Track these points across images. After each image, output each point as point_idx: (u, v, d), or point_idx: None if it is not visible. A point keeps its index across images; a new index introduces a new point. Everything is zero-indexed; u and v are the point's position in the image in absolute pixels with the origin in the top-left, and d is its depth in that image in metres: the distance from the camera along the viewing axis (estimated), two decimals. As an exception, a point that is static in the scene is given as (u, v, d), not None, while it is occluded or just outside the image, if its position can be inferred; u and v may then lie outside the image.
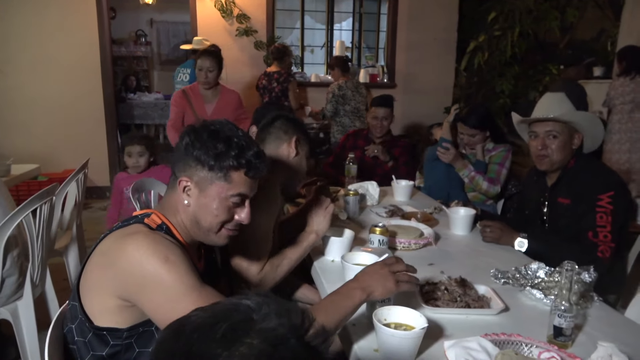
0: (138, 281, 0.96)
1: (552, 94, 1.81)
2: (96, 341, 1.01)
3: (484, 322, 1.23)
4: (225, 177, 1.07)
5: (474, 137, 2.58)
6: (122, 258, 0.98)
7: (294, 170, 1.68)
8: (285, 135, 1.67)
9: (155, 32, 8.77)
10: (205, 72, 3.16)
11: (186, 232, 1.12)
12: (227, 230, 1.13)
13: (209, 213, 1.08)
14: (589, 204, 1.63)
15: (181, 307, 0.92)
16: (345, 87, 4.41)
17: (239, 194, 1.09)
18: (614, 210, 1.61)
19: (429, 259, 1.67)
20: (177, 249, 1.01)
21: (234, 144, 1.07)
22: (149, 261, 0.95)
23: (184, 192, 1.09)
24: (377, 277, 1.09)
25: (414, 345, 1.04)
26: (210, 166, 1.06)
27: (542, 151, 1.74)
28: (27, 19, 4.63)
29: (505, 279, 1.47)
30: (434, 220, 2.08)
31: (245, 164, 1.07)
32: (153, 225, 1.06)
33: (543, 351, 1.00)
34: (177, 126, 3.24)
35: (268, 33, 5.17)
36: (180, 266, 0.97)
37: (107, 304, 0.99)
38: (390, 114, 2.96)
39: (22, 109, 4.73)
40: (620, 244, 1.71)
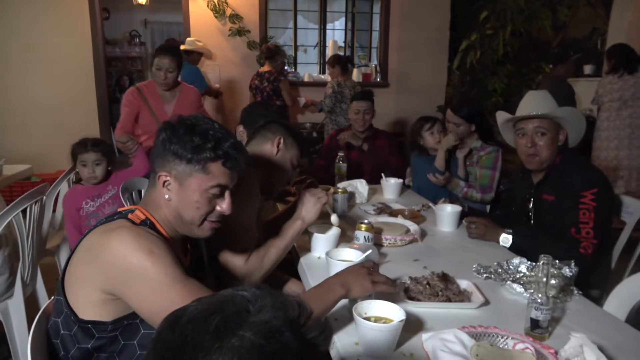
0: (123, 274, 0.98)
1: (535, 92, 1.83)
2: (81, 334, 1.02)
3: (464, 315, 1.26)
4: (204, 169, 1.09)
5: (458, 127, 2.60)
6: (106, 252, 0.99)
7: (275, 168, 1.71)
8: (271, 135, 1.73)
9: (149, 33, 8.78)
10: (164, 73, 2.81)
11: (170, 227, 1.14)
12: (210, 222, 1.15)
13: (191, 206, 1.10)
14: (572, 201, 1.66)
15: (165, 298, 0.95)
16: (344, 85, 4.46)
17: (218, 184, 1.11)
18: (597, 207, 1.63)
19: (414, 254, 1.69)
20: (161, 242, 1.03)
21: (211, 137, 1.08)
22: (134, 254, 0.98)
23: (164, 187, 1.11)
24: (356, 276, 1.15)
25: (392, 338, 1.06)
26: (188, 159, 1.08)
27: (532, 149, 1.76)
28: (20, 20, 4.63)
29: (487, 274, 1.50)
30: (421, 217, 2.10)
31: (223, 154, 1.09)
32: (137, 221, 1.08)
33: (518, 342, 1.03)
34: (126, 129, 2.84)
35: (261, 33, 5.19)
36: (164, 259, 0.99)
37: (91, 298, 1.01)
38: (371, 107, 2.98)
39: (15, 110, 4.74)
40: (605, 240, 1.74)
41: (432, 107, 5.62)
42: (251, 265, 1.47)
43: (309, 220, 1.58)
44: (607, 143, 4.10)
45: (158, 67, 2.82)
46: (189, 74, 4.52)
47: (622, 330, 1.23)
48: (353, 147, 3.01)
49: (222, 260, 1.46)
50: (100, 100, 5.00)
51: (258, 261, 1.48)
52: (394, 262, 1.62)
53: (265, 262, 1.50)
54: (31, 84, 4.73)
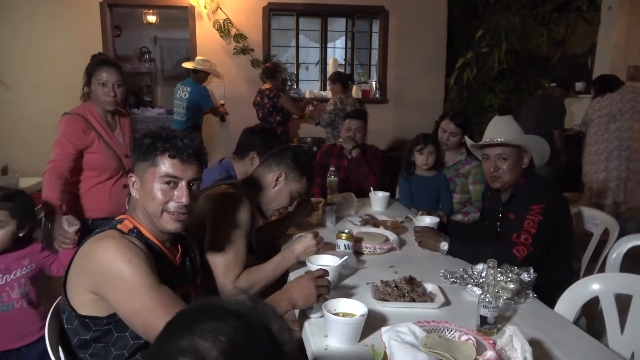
0: (105, 279, 1.15)
1: (500, 118, 2.00)
2: (81, 327, 1.21)
3: (426, 314, 1.42)
4: (154, 163, 1.24)
5: (454, 137, 2.78)
6: (93, 259, 1.17)
7: (271, 199, 1.87)
8: (275, 167, 1.88)
9: (159, 49, 9.06)
10: (112, 87, 2.27)
11: (152, 227, 1.29)
12: (170, 214, 1.25)
13: (149, 198, 1.24)
14: (522, 213, 1.81)
15: (139, 302, 1.13)
16: (346, 101, 4.64)
17: (167, 174, 1.23)
18: (542, 221, 1.76)
19: (391, 262, 1.86)
20: (141, 253, 1.17)
21: (161, 137, 1.24)
22: (115, 262, 1.14)
23: (133, 187, 1.29)
24: (302, 290, 1.35)
25: (356, 330, 1.23)
26: (143, 158, 1.25)
27: (495, 173, 1.92)
28: (34, 38, 4.90)
29: (453, 279, 1.66)
30: (403, 227, 2.27)
31: (169, 148, 1.23)
32: (125, 230, 1.25)
33: (462, 334, 1.19)
34: (61, 171, 2.18)
35: (264, 51, 5.41)
36: (141, 268, 1.14)
37: (84, 298, 1.19)
38: (363, 126, 3.13)
39: (29, 125, 4.98)
40: (562, 249, 1.89)
41: (430, 122, 5.78)
42: (240, 286, 1.57)
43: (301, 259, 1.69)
44: (596, 157, 4.25)
45: (102, 82, 2.26)
46: (198, 93, 4.75)
47: (563, 327, 1.39)
48: (344, 156, 3.17)
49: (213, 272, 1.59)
50: (110, 115, 5.24)
51: (247, 284, 1.60)
52: (370, 268, 1.79)
53: (254, 288, 1.62)
54: (45, 99, 4.98)
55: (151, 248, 1.27)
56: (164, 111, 7.94)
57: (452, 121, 2.79)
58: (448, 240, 1.92)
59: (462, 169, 2.86)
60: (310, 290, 1.34)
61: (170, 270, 1.30)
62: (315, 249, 1.68)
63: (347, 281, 1.66)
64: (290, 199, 1.90)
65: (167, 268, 1.29)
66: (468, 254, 1.85)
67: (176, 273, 1.34)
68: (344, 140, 3.11)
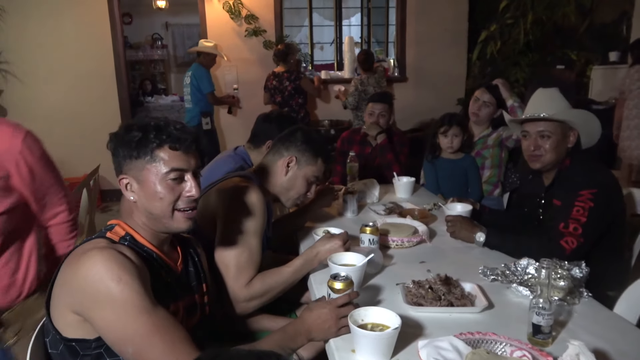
0: (90, 299, 0.98)
1: (544, 90, 1.77)
2: (67, 352, 1.04)
3: (466, 320, 1.24)
4: (153, 158, 1.08)
5: (487, 108, 2.61)
6: (76, 275, 1.00)
7: (286, 188, 1.69)
8: (284, 152, 1.69)
9: (171, 35, 8.91)
10: None
11: (150, 232, 1.13)
12: (181, 212, 1.12)
13: (155, 199, 1.09)
14: (570, 200, 1.61)
15: (130, 328, 0.96)
16: (366, 82, 4.46)
17: (173, 169, 1.09)
18: (593, 208, 1.56)
19: (420, 256, 1.68)
20: (133, 268, 1.00)
21: (151, 127, 1.09)
22: (102, 281, 0.97)
23: (127, 190, 1.12)
24: (322, 323, 1.15)
25: (388, 345, 1.06)
26: (137, 155, 1.08)
27: (535, 152, 1.72)
28: (43, 31, 4.79)
29: (494, 276, 1.47)
30: (432, 217, 2.08)
31: (167, 138, 1.08)
32: (116, 238, 1.09)
33: (515, 350, 1.01)
34: None
35: (276, 32, 5.21)
36: (132, 287, 0.97)
37: (68, 319, 1.02)
38: (387, 110, 2.93)
39: (41, 117, 4.88)
40: (618, 241, 1.68)
41: (452, 100, 5.54)
42: (253, 291, 1.43)
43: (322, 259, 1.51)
44: (637, 131, 3.96)
45: None
46: (197, 75, 4.58)
47: (628, 333, 1.19)
48: (368, 142, 2.98)
49: (223, 276, 1.43)
50: (123, 104, 5.13)
51: (262, 290, 1.44)
52: (399, 265, 1.62)
53: (269, 293, 1.46)
54: (56, 92, 4.90)
55: (147, 257, 1.11)
56: (178, 98, 7.84)
57: (487, 90, 2.59)
58: (484, 230, 1.73)
59: (489, 140, 2.67)
60: (331, 323, 1.14)
61: (172, 279, 1.15)
62: (338, 251, 1.50)
63: (374, 282, 1.49)
64: (307, 184, 1.70)
65: (168, 277, 1.14)
66: (508, 246, 1.65)
67: (178, 282, 1.18)
68: (368, 127, 2.91)
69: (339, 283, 1.22)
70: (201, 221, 1.56)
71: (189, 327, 1.17)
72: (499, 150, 2.68)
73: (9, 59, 4.79)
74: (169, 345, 0.96)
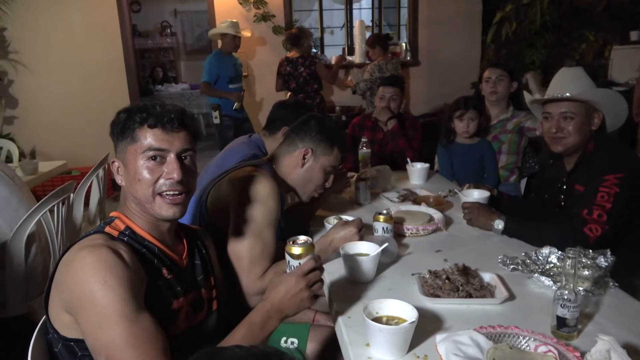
0: (75, 300, 0.94)
1: (567, 69, 1.69)
2: (65, 351, 1.01)
3: (486, 312, 1.19)
4: (133, 138, 1.04)
5: (501, 82, 2.55)
6: (67, 275, 0.96)
7: (301, 180, 1.63)
8: (299, 143, 1.62)
9: (180, 23, 8.84)
10: None
11: (148, 221, 1.09)
12: (163, 197, 1.05)
13: (135, 180, 1.05)
14: (594, 185, 1.53)
15: (107, 335, 0.90)
16: (385, 68, 4.33)
17: (150, 147, 1.03)
18: (619, 193, 1.48)
19: (436, 245, 1.62)
20: (123, 270, 0.94)
21: (135, 109, 1.05)
22: (87, 282, 0.92)
23: (117, 174, 1.09)
24: (292, 299, 1.04)
25: (404, 340, 1.01)
26: (122, 137, 1.06)
27: (557, 134, 1.63)
28: (51, 19, 4.76)
29: (514, 265, 1.41)
30: (447, 203, 2.01)
31: (147, 117, 1.03)
32: (115, 233, 1.04)
33: (540, 344, 0.95)
34: None
35: (286, 17, 5.11)
36: (116, 291, 0.91)
37: (63, 319, 0.99)
38: (399, 94, 2.85)
39: (51, 107, 4.90)
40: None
41: (466, 83, 5.41)
42: (267, 284, 1.36)
43: (336, 247, 1.45)
44: None
45: None
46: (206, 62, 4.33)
47: (661, 327, 1.13)
48: (379, 128, 2.91)
49: (236, 268, 1.39)
50: (132, 93, 5.09)
51: None
52: (414, 254, 1.56)
53: None
54: (64, 80, 4.87)
55: (149, 252, 1.06)
56: (188, 86, 7.81)
57: (495, 66, 2.54)
58: (503, 217, 1.66)
59: (508, 124, 2.58)
60: (303, 294, 1.04)
61: (176, 274, 1.10)
62: (352, 239, 1.45)
63: (388, 272, 1.43)
64: (324, 175, 1.64)
65: (172, 272, 1.09)
66: (528, 234, 1.58)
67: (183, 277, 1.12)
68: (378, 112, 2.84)
69: (297, 248, 1.08)
70: (213, 211, 1.53)
71: (195, 322, 1.13)
72: (517, 137, 2.59)
73: (18, 48, 4.78)
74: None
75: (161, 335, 0.95)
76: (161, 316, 1.01)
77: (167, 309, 1.05)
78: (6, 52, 4.78)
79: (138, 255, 1.02)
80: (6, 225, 1.94)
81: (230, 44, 4.35)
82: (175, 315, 1.07)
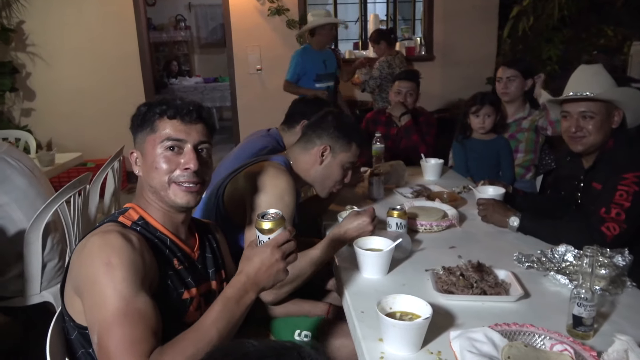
0: (83, 281, 0.96)
1: (586, 67, 1.65)
2: (81, 339, 1.02)
3: (500, 309, 1.18)
4: (152, 128, 1.08)
5: (513, 82, 2.51)
6: (78, 260, 0.99)
7: (319, 177, 1.64)
8: (317, 140, 1.62)
9: (194, 17, 8.86)
10: None
11: (161, 211, 1.10)
12: (178, 185, 1.08)
13: (152, 169, 1.08)
14: (613, 183, 1.50)
15: (102, 313, 0.90)
16: (394, 64, 4.29)
17: (168, 137, 1.07)
18: (638, 192, 1.45)
19: (450, 241, 1.61)
20: (128, 252, 0.95)
21: (156, 103, 1.10)
22: (93, 263, 0.95)
23: (135, 164, 1.12)
24: (267, 270, 1.01)
25: (417, 335, 1.00)
26: (141, 128, 1.10)
27: (577, 133, 1.60)
28: (69, 13, 4.80)
29: (529, 263, 1.40)
30: (461, 200, 2.00)
31: (167, 109, 1.07)
32: (127, 223, 1.06)
33: (556, 343, 0.94)
34: None
35: (300, 11, 5.09)
36: (119, 271, 0.93)
37: (76, 305, 1.00)
38: (415, 89, 2.83)
39: (68, 99, 4.96)
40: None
41: (481, 79, 5.35)
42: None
43: (351, 238, 1.45)
44: None
45: None
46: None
47: (679, 328, 1.11)
48: (393, 123, 2.89)
49: None
50: (147, 86, 5.13)
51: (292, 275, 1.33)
52: (428, 250, 1.55)
53: (300, 278, 1.39)
54: (80, 73, 4.92)
55: (160, 243, 1.08)
56: (202, 80, 7.84)
57: (508, 66, 2.50)
58: (519, 214, 1.64)
59: (524, 122, 2.55)
60: (279, 265, 1.01)
61: (187, 266, 1.11)
62: (370, 231, 1.45)
63: (402, 267, 1.43)
64: (342, 171, 1.65)
65: (183, 263, 1.10)
66: (544, 231, 1.57)
67: (194, 268, 1.14)
68: (392, 107, 2.83)
69: (267, 222, 1.03)
70: (230, 205, 1.53)
71: None
72: (534, 135, 2.55)
73: (36, 41, 4.84)
74: (127, 341, 0.88)
75: (155, 318, 0.94)
76: (172, 305, 1.03)
77: (177, 299, 1.07)
78: (24, 45, 4.84)
79: (149, 244, 1.04)
80: (24, 216, 1.97)
81: (327, 35, 3.78)
82: (186, 305, 1.09)
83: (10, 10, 4.72)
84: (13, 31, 4.71)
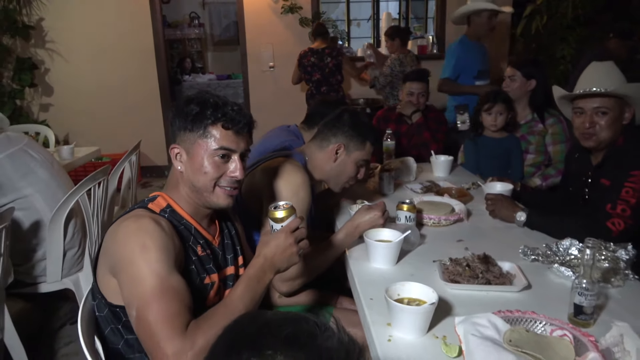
0: (118, 262, 1.04)
1: (599, 64, 1.67)
2: (111, 316, 1.10)
3: (504, 299, 1.22)
4: (205, 134, 1.12)
5: (513, 82, 2.52)
6: (113, 240, 1.06)
7: (333, 174, 1.69)
8: (332, 138, 1.68)
9: (208, 14, 8.95)
10: None
11: (191, 204, 1.17)
12: (222, 188, 1.16)
13: (200, 172, 1.13)
14: (620, 180, 1.53)
15: (139, 289, 0.98)
16: (406, 62, 4.31)
17: (222, 147, 1.13)
18: None
19: (458, 235, 1.65)
20: (163, 237, 1.04)
21: (209, 104, 1.12)
22: (129, 245, 1.02)
23: (176, 159, 1.17)
24: (282, 253, 1.12)
25: (424, 320, 1.05)
26: (191, 128, 1.13)
27: (590, 129, 1.63)
28: (86, 10, 4.91)
29: (534, 256, 1.44)
30: (469, 196, 2.04)
31: (222, 117, 1.12)
32: (156, 209, 1.13)
33: (556, 329, 0.99)
34: None
35: (313, 9, 5.14)
36: (154, 253, 1.01)
37: (110, 284, 1.08)
38: (426, 89, 2.87)
39: (85, 95, 5.08)
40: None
41: (493, 79, 5.34)
42: (298, 270, 1.42)
43: (363, 231, 1.50)
44: None
45: None
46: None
47: (678, 318, 1.14)
48: (404, 121, 2.93)
49: None
50: (162, 82, 5.22)
51: (307, 270, 1.44)
52: (435, 242, 1.60)
53: (314, 271, 1.46)
54: (97, 69, 5.03)
55: (185, 230, 1.15)
56: (215, 77, 7.92)
57: (510, 65, 2.54)
58: (526, 210, 1.68)
59: (536, 127, 2.56)
60: (292, 249, 1.12)
61: (209, 252, 1.18)
62: (381, 224, 1.50)
63: (410, 258, 1.48)
64: (356, 168, 1.70)
65: (205, 250, 1.17)
66: (551, 226, 1.60)
67: (215, 255, 1.21)
68: (402, 106, 2.86)
69: (280, 211, 1.15)
70: (247, 197, 1.59)
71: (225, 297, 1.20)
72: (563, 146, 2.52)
73: (54, 38, 4.95)
74: (165, 315, 0.96)
75: (188, 295, 1.03)
76: (194, 289, 1.10)
77: (199, 283, 1.14)
78: (44, 42, 4.96)
79: (175, 230, 1.11)
80: (47, 206, 2.06)
81: (485, 24, 3.21)
82: (207, 289, 1.16)
83: (31, 8, 4.84)
84: (33, 28, 4.84)
